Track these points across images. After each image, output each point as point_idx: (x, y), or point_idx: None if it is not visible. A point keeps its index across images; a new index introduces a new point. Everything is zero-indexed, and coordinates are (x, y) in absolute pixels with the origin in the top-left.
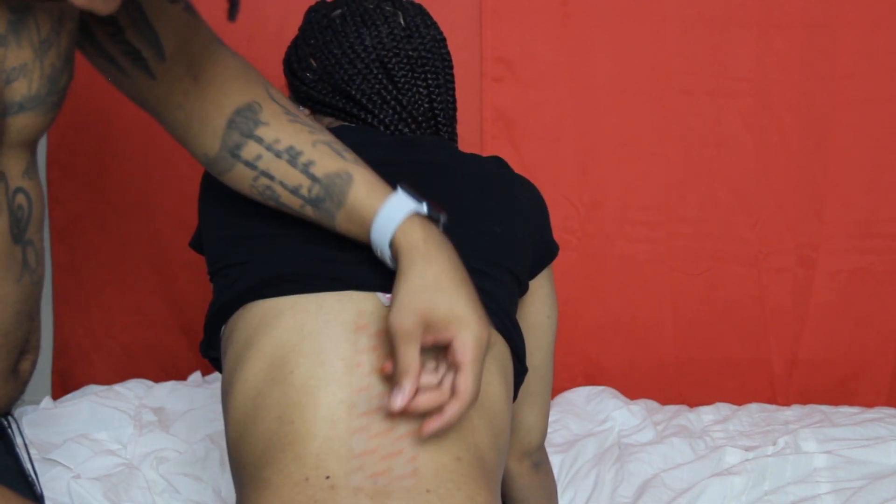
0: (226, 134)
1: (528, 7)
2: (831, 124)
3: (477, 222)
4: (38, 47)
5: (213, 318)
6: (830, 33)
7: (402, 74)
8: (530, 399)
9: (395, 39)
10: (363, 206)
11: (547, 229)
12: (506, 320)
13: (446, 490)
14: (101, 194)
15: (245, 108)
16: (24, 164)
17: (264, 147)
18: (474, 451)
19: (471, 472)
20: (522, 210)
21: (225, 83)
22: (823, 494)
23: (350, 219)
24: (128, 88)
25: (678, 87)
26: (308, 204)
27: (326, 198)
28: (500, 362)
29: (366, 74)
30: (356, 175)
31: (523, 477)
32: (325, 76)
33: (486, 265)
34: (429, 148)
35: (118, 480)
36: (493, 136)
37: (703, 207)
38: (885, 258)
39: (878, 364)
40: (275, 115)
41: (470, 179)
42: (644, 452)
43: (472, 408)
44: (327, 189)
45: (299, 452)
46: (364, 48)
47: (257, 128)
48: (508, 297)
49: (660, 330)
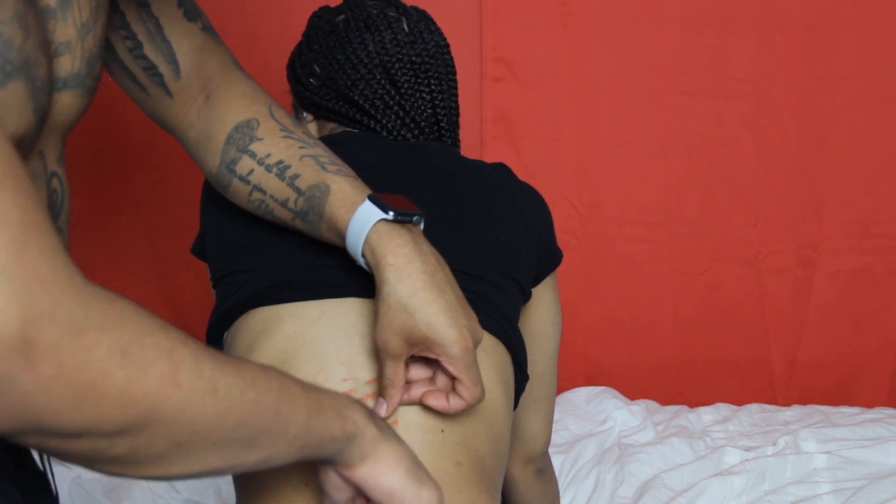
0: (224, 150)
1: (528, 7)
2: (831, 124)
3: (480, 229)
4: (80, 28)
5: (216, 325)
6: (830, 33)
7: (405, 80)
8: (534, 406)
9: (398, 45)
10: (337, 219)
11: (550, 236)
12: (507, 328)
13: (447, 494)
14: (101, 194)
15: (244, 124)
16: (58, 151)
17: (256, 162)
18: (474, 456)
19: (471, 477)
20: (526, 217)
21: (231, 101)
22: (823, 494)
23: (330, 231)
24: (150, 108)
25: (678, 87)
26: (297, 217)
27: (310, 210)
28: (500, 370)
29: (369, 80)
30: (333, 186)
31: (527, 483)
32: (329, 82)
33: (489, 272)
34: (432, 154)
35: (119, 481)
36: (493, 136)
37: (703, 207)
38: (885, 258)
39: (878, 364)
40: (270, 131)
41: (473, 186)
42: (644, 453)
43: (473, 415)
44: (309, 201)
45: None
46: (367, 53)
47: (252, 143)
48: (511, 304)
49: (660, 330)
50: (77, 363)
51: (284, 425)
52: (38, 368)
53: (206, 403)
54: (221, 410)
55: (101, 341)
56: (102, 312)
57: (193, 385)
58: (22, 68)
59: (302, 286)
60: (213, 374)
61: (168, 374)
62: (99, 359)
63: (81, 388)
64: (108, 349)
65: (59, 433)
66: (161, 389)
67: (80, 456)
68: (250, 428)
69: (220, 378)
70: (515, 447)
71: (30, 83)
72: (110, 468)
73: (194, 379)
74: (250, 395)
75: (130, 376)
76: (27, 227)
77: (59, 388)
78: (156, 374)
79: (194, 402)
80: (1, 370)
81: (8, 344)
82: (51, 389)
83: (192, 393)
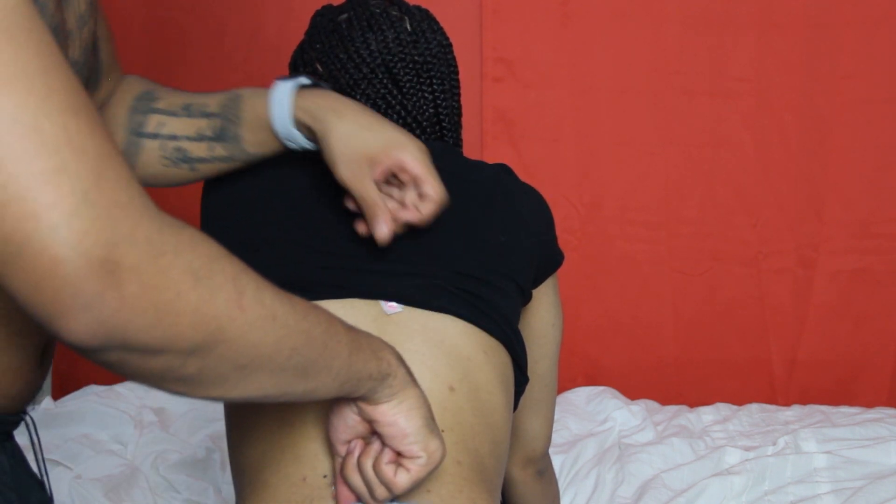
0: (128, 120)
1: (528, 7)
2: (831, 124)
3: (482, 231)
4: (78, 19)
5: None
6: (830, 33)
7: (407, 80)
8: (535, 407)
9: (401, 44)
10: (257, 108)
11: (552, 238)
12: (508, 330)
13: (447, 492)
14: None
15: (141, 94)
16: None
17: (163, 115)
18: (474, 455)
19: (471, 476)
20: (526, 219)
21: (126, 85)
22: (823, 494)
23: (252, 128)
24: None
25: (678, 87)
26: (216, 142)
27: (227, 124)
28: (501, 372)
29: (371, 79)
30: (243, 92)
31: (527, 484)
32: (331, 80)
33: (490, 275)
34: (435, 154)
35: (119, 481)
36: (493, 136)
37: (703, 207)
38: (885, 258)
39: (878, 364)
40: (169, 93)
41: (475, 187)
42: (644, 453)
43: (474, 416)
44: (224, 115)
45: (299, 453)
46: (370, 53)
47: (154, 103)
48: (511, 306)
49: (660, 330)
50: (156, 283)
51: (331, 358)
52: (123, 287)
53: (266, 329)
54: (280, 337)
55: (175, 263)
56: (175, 237)
57: (255, 310)
58: (53, 34)
59: (303, 287)
60: (272, 302)
61: (234, 297)
62: (174, 280)
63: (161, 305)
64: (181, 271)
65: (141, 349)
66: (228, 311)
67: (155, 373)
68: (303, 357)
69: (279, 307)
70: (516, 448)
71: None
72: (179, 387)
73: (256, 305)
74: (304, 325)
75: (202, 297)
76: (104, 157)
77: (143, 306)
78: (223, 297)
79: (256, 327)
80: (91, 289)
81: (96, 264)
82: (135, 307)
83: (255, 317)
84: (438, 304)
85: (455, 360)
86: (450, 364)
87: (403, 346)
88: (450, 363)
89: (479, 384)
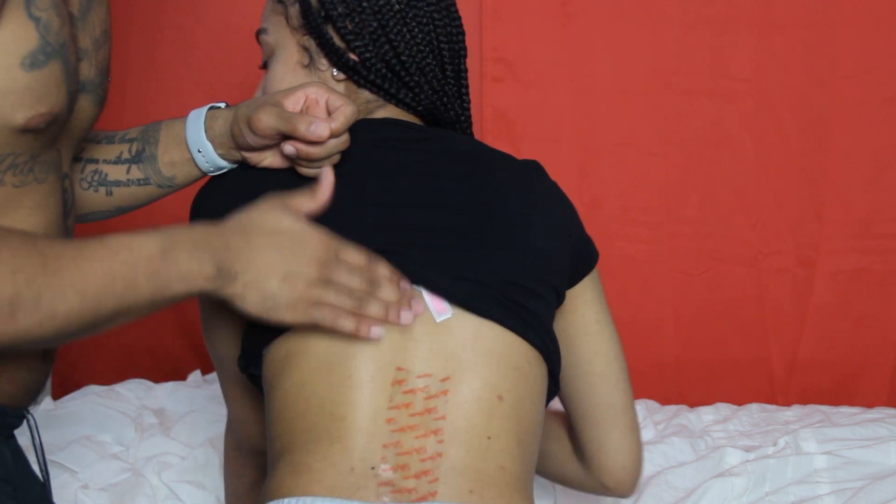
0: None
1: (528, 7)
2: (831, 124)
3: (523, 235)
4: (94, 42)
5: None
6: (830, 33)
7: (448, 60)
8: (609, 413)
9: (450, 16)
10: (174, 127)
11: (585, 237)
12: (547, 340)
13: (490, 495)
14: None
15: None
16: (71, 155)
17: (86, 142)
18: (517, 463)
19: (513, 483)
20: (561, 220)
21: None
22: (824, 495)
23: (168, 147)
24: None
25: (678, 87)
26: (133, 164)
27: (145, 146)
28: (540, 383)
29: (422, 48)
30: (163, 121)
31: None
32: (374, 38)
33: (533, 283)
34: (467, 159)
35: (124, 490)
36: (493, 136)
37: (703, 207)
38: (885, 258)
39: (878, 364)
40: (97, 132)
41: (513, 187)
42: (645, 452)
43: (515, 424)
44: (143, 137)
45: (348, 445)
46: (430, 26)
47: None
48: (550, 314)
49: (660, 330)
50: None
51: (128, 298)
52: None
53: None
54: None
55: None
56: None
57: (28, 318)
58: (59, 52)
59: None
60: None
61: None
62: None
63: None
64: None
65: None
66: None
67: None
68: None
69: None
70: (594, 469)
71: (65, 66)
72: None
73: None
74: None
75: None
76: None
77: None
78: None
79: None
80: None
81: None
82: None
83: (29, 325)
84: (488, 311)
85: (504, 370)
86: (500, 374)
87: (456, 353)
88: (500, 373)
89: (523, 395)
